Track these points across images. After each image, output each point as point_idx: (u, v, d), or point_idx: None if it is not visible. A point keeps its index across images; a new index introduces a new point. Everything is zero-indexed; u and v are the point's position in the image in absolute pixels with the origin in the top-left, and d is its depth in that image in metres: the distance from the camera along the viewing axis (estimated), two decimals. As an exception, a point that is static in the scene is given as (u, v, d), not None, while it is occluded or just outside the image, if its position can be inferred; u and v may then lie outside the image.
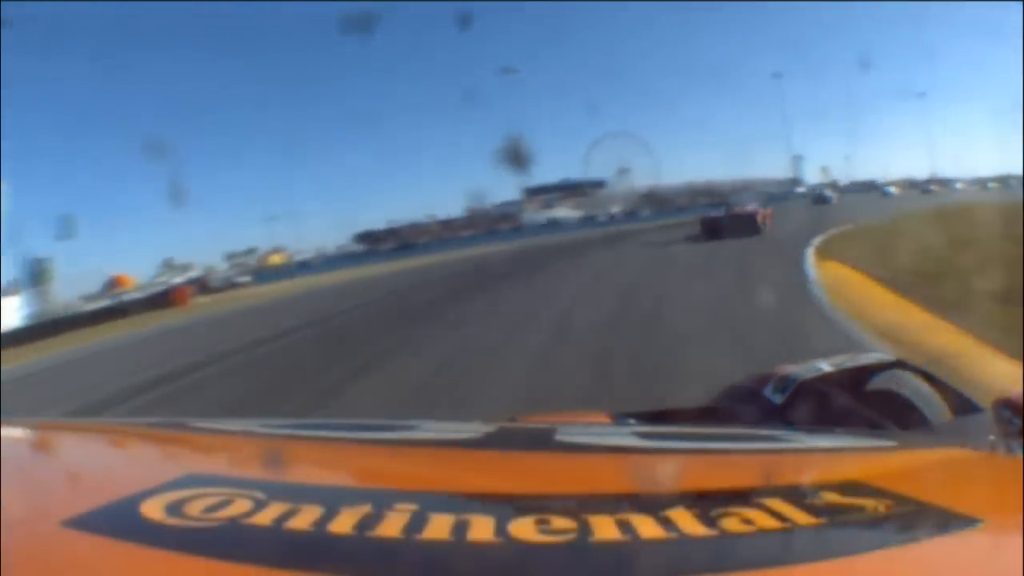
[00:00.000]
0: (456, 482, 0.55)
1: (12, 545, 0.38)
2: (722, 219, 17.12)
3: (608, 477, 0.59)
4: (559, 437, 0.73)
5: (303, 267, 47.19)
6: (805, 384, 1.09)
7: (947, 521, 0.42)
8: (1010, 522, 0.43)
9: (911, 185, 48.52)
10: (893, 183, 48.37)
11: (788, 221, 18.54)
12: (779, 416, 1.06)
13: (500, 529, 0.39)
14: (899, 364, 1.17)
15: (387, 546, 0.37)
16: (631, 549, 0.37)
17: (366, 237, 54.88)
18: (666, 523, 0.39)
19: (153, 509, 0.41)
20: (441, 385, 4.94)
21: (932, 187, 44.79)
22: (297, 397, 5.13)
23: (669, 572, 0.37)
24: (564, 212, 51.19)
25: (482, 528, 0.39)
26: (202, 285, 31.31)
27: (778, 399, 1.09)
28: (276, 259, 53.14)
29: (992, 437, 0.81)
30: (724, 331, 5.29)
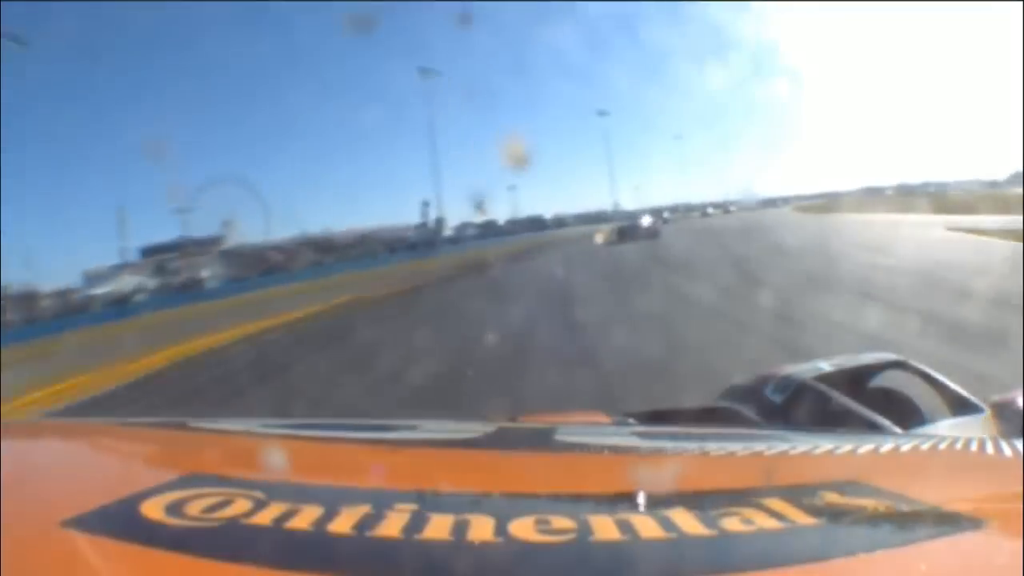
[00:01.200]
0: (456, 482, 0.55)
1: (12, 545, 0.38)
2: (632, 228, 26.04)
3: (608, 477, 0.59)
4: (559, 437, 0.74)
5: None
6: (805, 384, 1.10)
7: (947, 521, 0.42)
8: (1010, 522, 0.43)
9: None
10: (712, 204, 57.83)
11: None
12: (779, 416, 1.06)
13: (500, 529, 0.39)
14: (899, 364, 1.17)
15: (387, 546, 0.37)
16: (631, 549, 0.37)
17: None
18: (666, 523, 0.39)
19: (153, 509, 0.41)
20: None
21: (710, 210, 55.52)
22: None
23: (669, 572, 0.37)
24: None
25: (482, 528, 0.39)
26: None
27: (778, 399, 1.09)
28: None
29: (992, 437, 0.81)
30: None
